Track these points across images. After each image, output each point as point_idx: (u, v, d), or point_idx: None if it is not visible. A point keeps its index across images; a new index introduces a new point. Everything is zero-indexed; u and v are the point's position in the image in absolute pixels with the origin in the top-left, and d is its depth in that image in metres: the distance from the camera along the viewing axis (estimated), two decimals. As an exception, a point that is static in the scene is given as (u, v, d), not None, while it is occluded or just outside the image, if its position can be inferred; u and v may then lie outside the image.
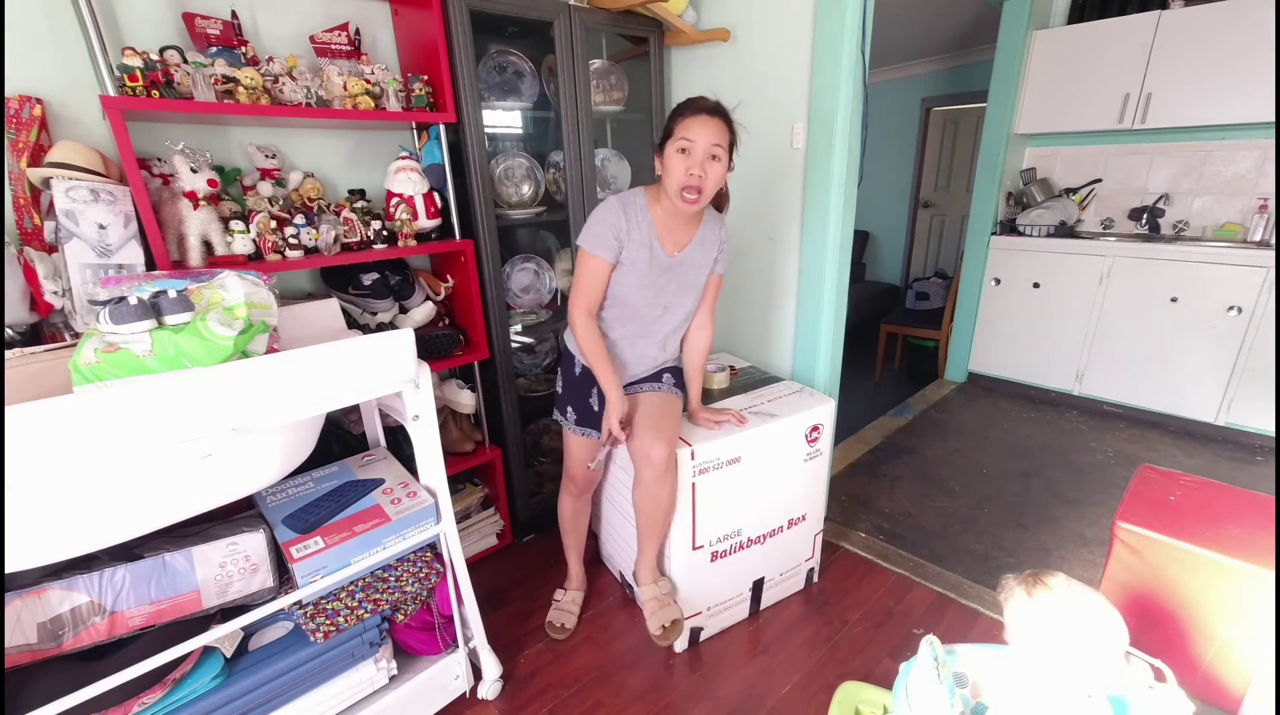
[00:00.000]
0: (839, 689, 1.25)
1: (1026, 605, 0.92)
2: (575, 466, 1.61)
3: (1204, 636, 1.42)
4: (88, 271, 1.17)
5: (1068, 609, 0.89)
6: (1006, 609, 0.95)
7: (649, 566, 1.56)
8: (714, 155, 1.28)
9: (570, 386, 1.54)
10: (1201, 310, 2.68)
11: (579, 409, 1.53)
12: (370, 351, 1.13)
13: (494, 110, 1.93)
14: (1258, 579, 1.32)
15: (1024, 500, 2.32)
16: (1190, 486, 1.61)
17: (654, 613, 1.51)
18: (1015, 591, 0.94)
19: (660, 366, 1.57)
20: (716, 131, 1.27)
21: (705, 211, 1.46)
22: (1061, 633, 0.88)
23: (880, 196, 4.90)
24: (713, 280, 1.52)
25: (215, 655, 1.12)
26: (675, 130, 1.28)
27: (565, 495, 1.70)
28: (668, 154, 1.30)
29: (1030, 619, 0.91)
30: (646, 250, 1.37)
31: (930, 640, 0.96)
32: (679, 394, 1.56)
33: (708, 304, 1.55)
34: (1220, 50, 2.56)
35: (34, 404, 0.79)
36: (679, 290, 1.45)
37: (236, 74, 1.32)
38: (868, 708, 1.21)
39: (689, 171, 1.26)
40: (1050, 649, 0.88)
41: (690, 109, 1.29)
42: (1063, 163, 3.32)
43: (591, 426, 1.53)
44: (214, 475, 0.98)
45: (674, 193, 1.30)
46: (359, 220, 1.55)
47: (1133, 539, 1.48)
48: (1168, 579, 1.45)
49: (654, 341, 1.51)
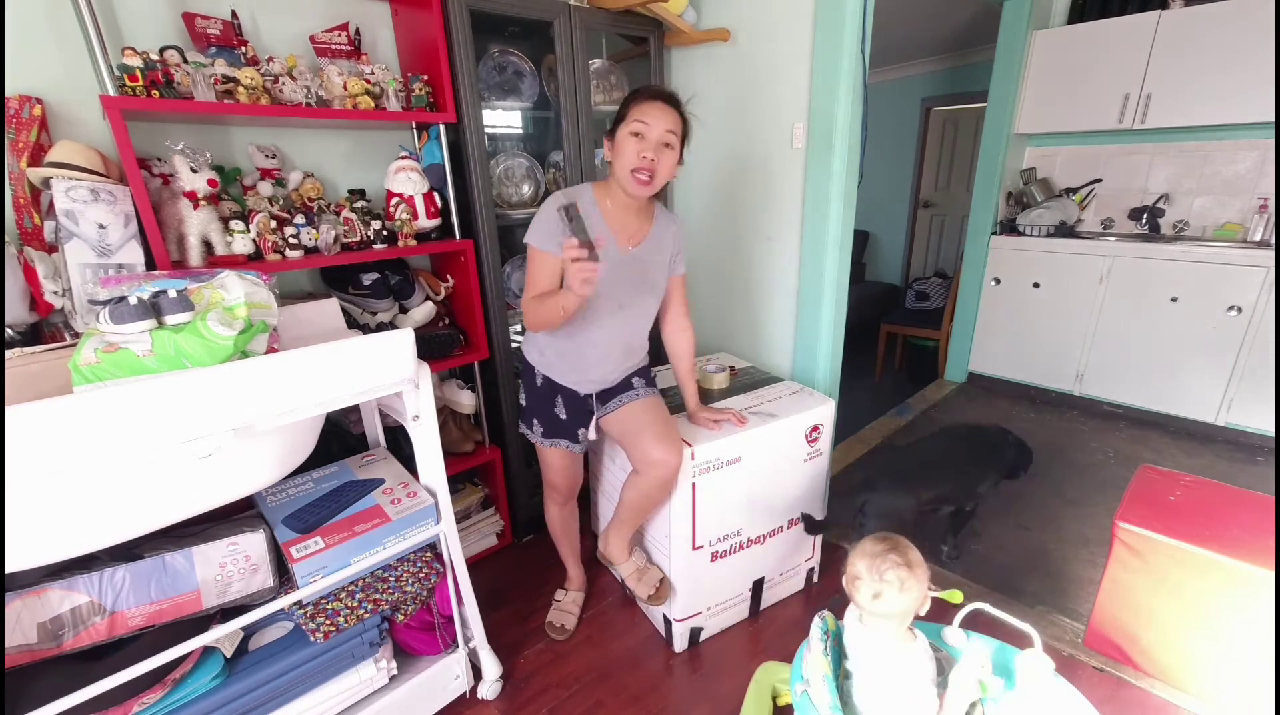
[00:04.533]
0: (759, 669, 1.27)
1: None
2: (555, 476, 1.59)
3: (1204, 636, 1.42)
4: (88, 271, 1.17)
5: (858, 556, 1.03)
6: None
7: (621, 546, 1.55)
8: (667, 143, 1.26)
9: (534, 398, 1.50)
10: (1201, 310, 2.68)
11: (545, 420, 1.49)
12: (370, 351, 1.12)
13: (494, 110, 1.93)
14: (1258, 579, 1.32)
15: (1024, 500, 2.32)
16: (1190, 486, 1.61)
17: (639, 580, 1.52)
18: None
19: (626, 372, 1.51)
20: (672, 119, 1.25)
21: (657, 209, 1.44)
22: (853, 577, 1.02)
23: (880, 196, 4.90)
24: (675, 281, 1.49)
25: (215, 655, 1.12)
26: (629, 114, 1.26)
27: (550, 504, 1.68)
28: (620, 138, 1.27)
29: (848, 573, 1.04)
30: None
31: (821, 614, 1.06)
32: (657, 393, 1.53)
33: (679, 305, 1.53)
34: (1220, 50, 2.56)
35: (34, 404, 0.79)
36: (635, 287, 1.39)
37: (236, 74, 1.32)
38: (784, 685, 1.22)
39: (641, 154, 1.23)
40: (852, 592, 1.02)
41: (646, 94, 1.27)
42: (1063, 163, 3.32)
43: (560, 436, 1.50)
44: (214, 475, 0.98)
45: (624, 175, 1.26)
46: (359, 220, 1.55)
47: (1133, 539, 1.48)
48: (1168, 579, 1.45)
49: (615, 344, 1.43)
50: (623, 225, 1.36)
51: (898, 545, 1.02)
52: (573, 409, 1.47)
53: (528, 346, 1.50)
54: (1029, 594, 1.83)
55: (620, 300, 1.38)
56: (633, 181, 1.26)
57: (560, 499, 1.65)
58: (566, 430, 1.49)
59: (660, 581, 1.52)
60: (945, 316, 3.63)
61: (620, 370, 1.49)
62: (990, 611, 1.04)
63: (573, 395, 1.47)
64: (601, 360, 1.44)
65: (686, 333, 1.56)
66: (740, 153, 2.09)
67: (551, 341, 1.43)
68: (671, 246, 1.44)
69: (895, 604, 0.98)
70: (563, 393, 1.46)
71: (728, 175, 2.16)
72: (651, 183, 1.27)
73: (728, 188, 2.17)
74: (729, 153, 2.13)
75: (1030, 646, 1.03)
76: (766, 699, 1.21)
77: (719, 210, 2.23)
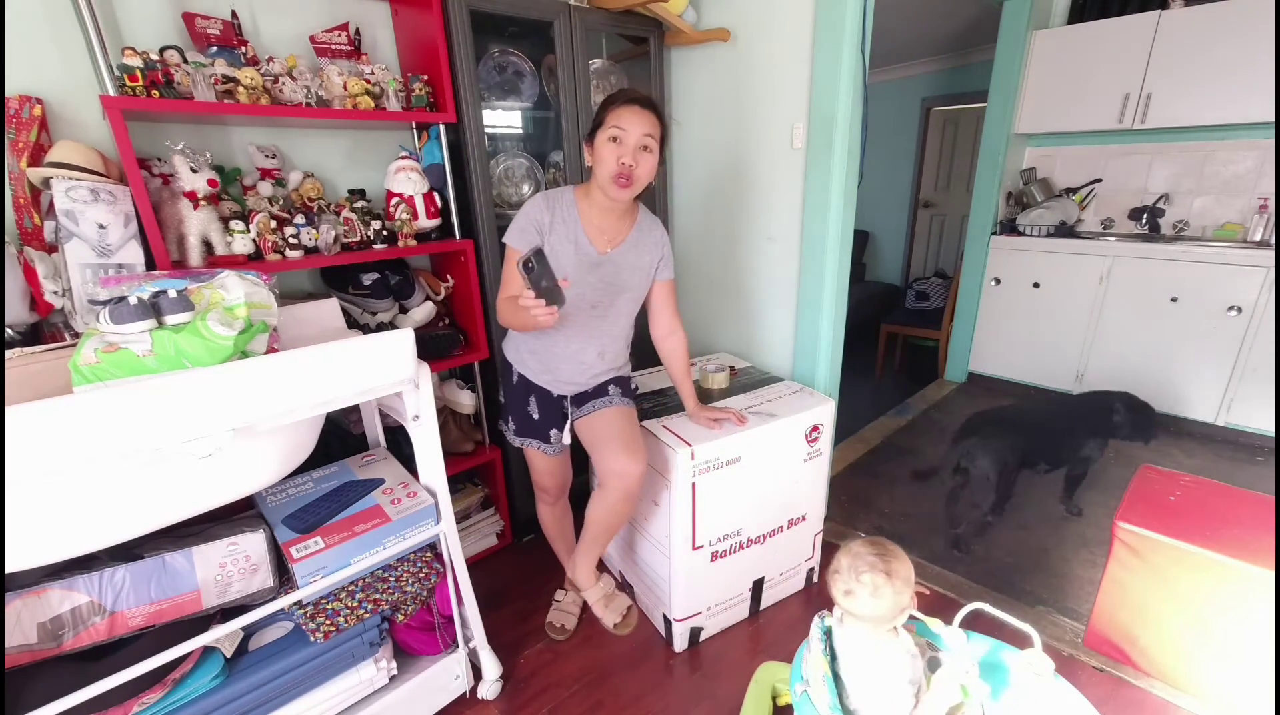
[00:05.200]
0: (759, 669, 1.28)
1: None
2: (540, 477, 1.60)
3: (1204, 636, 1.42)
4: (88, 271, 1.17)
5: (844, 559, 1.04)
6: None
7: (589, 571, 1.57)
8: (645, 146, 1.27)
9: (510, 395, 1.51)
10: (1201, 310, 2.68)
11: (518, 418, 1.50)
12: (370, 351, 1.12)
13: (494, 110, 1.93)
14: (1258, 579, 1.32)
15: (1024, 500, 2.32)
16: (1190, 486, 1.61)
17: (606, 607, 1.52)
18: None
19: (601, 377, 1.50)
20: (649, 122, 1.26)
21: (640, 213, 1.44)
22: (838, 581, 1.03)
23: (880, 196, 4.90)
24: (663, 285, 1.49)
25: (215, 655, 1.12)
26: (606, 120, 1.27)
27: (540, 504, 1.69)
28: (598, 144, 1.28)
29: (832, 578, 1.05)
30: (571, 245, 1.35)
31: (821, 614, 1.07)
32: (631, 404, 1.53)
33: (668, 310, 1.52)
34: (1220, 50, 2.56)
35: (34, 404, 0.79)
36: (608, 289, 1.40)
37: (236, 74, 1.32)
38: (784, 685, 1.23)
39: (620, 160, 1.25)
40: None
41: (622, 99, 1.28)
42: (1063, 163, 3.32)
43: (531, 436, 1.50)
44: (214, 475, 0.98)
45: (605, 181, 1.28)
46: (359, 220, 1.55)
47: (1133, 539, 1.48)
48: (1168, 579, 1.45)
49: (589, 347, 1.43)
50: (601, 228, 1.38)
51: (886, 552, 1.03)
52: (546, 410, 1.47)
53: (507, 344, 1.52)
54: (1029, 594, 1.83)
55: (592, 300, 1.39)
56: (613, 186, 1.28)
57: (549, 499, 1.66)
58: (538, 430, 1.49)
59: (628, 609, 1.51)
60: (945, 316, 3.63)
61: (593, 374, 1.48)
62: (990, 611, 1.04)
63: (546, 395, 1.47)
64: (573, 359, 1.44)
65: (677, 335, 1.56)
66: (740, 153, 2.09)
67: (525, 339, 1.45)
68: (654, 252, 1.45)
69: (865, 606, 0.98)
70: (536, 392, 1.47)
71: (728, 175, 2.16)
72: (631, 186, 1.28)
73: (728, 187, 2.17)
74: (729, 153, 2.13)
75: (1030, 647, 1.03)
76: (766, 699, 1.22)
77: (719, 210, 2.23)
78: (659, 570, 1.64)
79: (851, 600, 1.00)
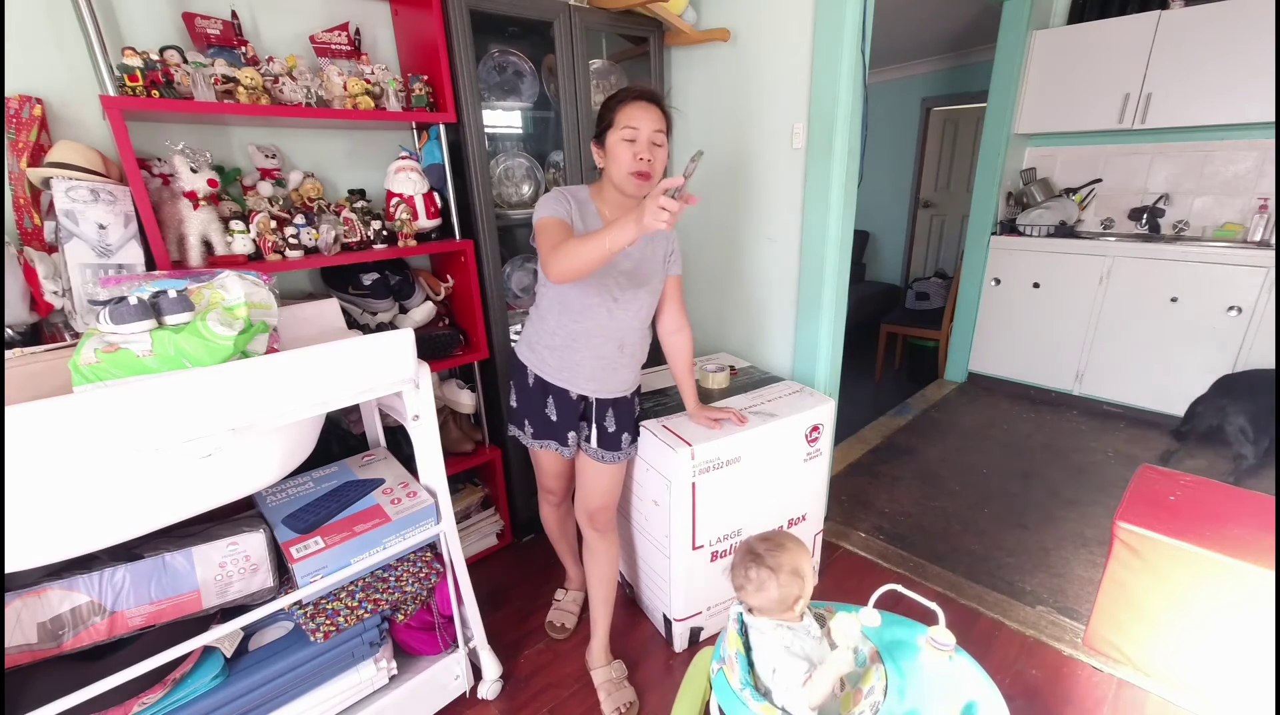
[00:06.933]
0: (698, 654, 1.34)
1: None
2: (547, 479, 1.59)
3: (1204, 636, 1.42)
4: (88, 271, 1.17)
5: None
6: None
7: (602, 647, 1.57)
8: (656, 142, 1.28)
9: (524, 398, 1.49)
10: (1201, 310, 2.68)
11: (536, 421, 1.48)
12: (370, 351, 1.13)
13: (494, 110, 1.93)
14: (1258, 579, 1.32)
15: (1024, 500, 2.32)
16: (1190, 486, 1.61)
17: (610, 694, 1.49)
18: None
19: (621, 385, 1.47)
20: (657, 117, 1.27)
21: None
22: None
23: (880, 196, 4.90)
24: (671, 281, 1.49)
25: (215, 655, 1.12)
26: (617, 119, 1.27)
27: (544, 506, 1.68)
28: (611, 144, 1.28)
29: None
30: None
31: (738, 600, 1.15)
32: (632, 455, 1.55)
33: (675, 305, 1.52)
34: (1220, 50, 2.56)
35: (34, 404, 0.79)
36: (628, 282, 1.39)
37: (236, 74, 1.32)
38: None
39: (637, 157, 1.26)
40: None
41: (629, 96, 1.28)
42: (1063, 163, 3.32)
43: (550, 437, 1.48)
44: (214, 475, 0.98)
45: (621, 179, 1.28)
46: (359, 220, 1.55)
47: (1133, 539, 1.48)
48: (1168, 579, 1.45)
49: (609, 339, 1.40)
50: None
51: (774, 547, 1.11)
52: (564, 411, 1.46)
53: (520, 345, 1.50)
54: (1029, 594, 1.83)
55: (614, 294, 1.38)
56: (632, 182, 1.28)
57: (554, 501, 1.65)
58: (557, 432, 1.47)
59: (629, 704, 1.48)
60: (945, 316, 3.63)
61: (614, 372, 1.44)
62: (902, 591, 1.12)
63: (564, 396, 1.45)
64: (594, 356, 1.41)
65: (683, 332, 1.55)
66: (740, 153, 2.09)
67: (543, 337, 1.42)
68: (665, 244, 1.45)
69: (753, 598, 1.09)
70: (554, 393, 1.45)
71: (728, 175, 2.16)
72: (650, 180, 1.29)
73: (728, 187, 2.17)
74: (729, 152, 2.13)
75: (935, 624, 1.11)
76: (703, 681, 1.27)
77: (719, 210, 2.23)
78: (659, 570, 1.64)
79: (743, 593, 1.12)
